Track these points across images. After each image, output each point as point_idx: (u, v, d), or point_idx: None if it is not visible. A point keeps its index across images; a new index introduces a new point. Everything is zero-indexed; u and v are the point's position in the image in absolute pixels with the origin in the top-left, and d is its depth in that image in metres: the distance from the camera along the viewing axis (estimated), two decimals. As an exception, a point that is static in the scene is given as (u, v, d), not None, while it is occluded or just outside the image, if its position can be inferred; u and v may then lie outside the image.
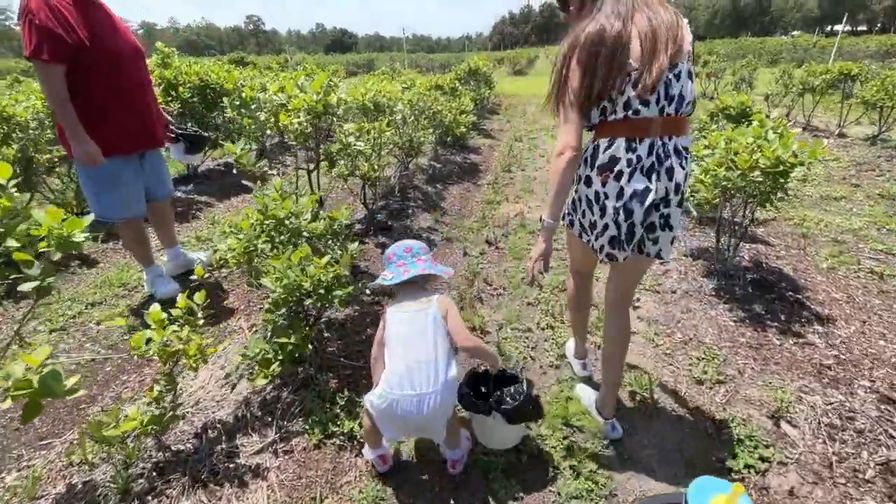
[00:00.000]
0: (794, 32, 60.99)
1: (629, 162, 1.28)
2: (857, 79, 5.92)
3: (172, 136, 2.82)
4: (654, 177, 1.28)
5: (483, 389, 1.55)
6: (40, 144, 3.31)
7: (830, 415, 1.77)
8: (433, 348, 1.36)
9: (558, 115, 1.36)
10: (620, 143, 1.28)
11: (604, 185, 1.32)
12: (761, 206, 2.44)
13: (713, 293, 2.61)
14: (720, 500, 0.99)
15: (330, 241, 2.01)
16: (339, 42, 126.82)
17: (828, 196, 4.15)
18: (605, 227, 1.35)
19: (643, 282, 2.83)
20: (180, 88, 4.44)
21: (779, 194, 2.29)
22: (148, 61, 4.80)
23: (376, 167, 2.95)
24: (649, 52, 1.21)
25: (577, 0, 1.37)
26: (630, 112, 1.26)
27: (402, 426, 1.37)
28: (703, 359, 2.12)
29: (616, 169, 1.29)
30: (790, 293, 2.53)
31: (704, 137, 2.66)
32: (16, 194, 0.91)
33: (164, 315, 1.47)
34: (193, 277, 1.65)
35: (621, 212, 1.30)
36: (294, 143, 2.11)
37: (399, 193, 4.26)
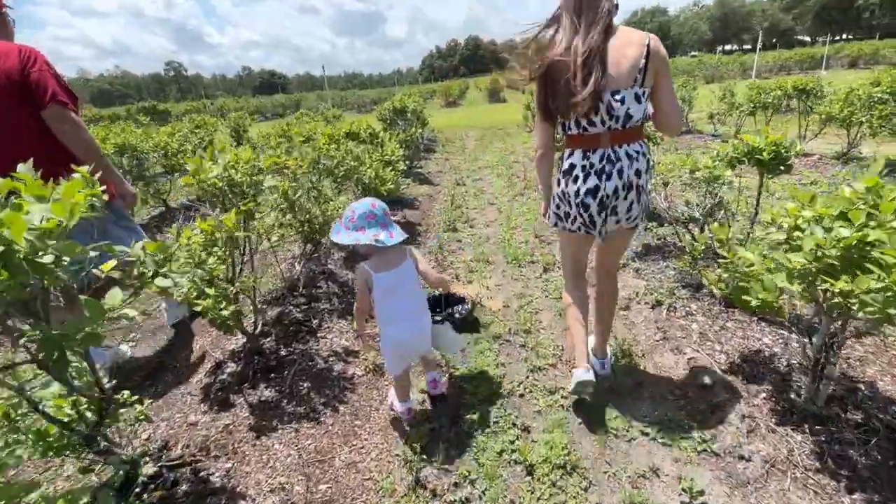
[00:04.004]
0: (693, 53, 67.04)
1: (583, 168, 1.61)
2: (811, 93, 5.53)
3: None
4: (604, 177, 1.57)
5: (437, 309, 2.28)
6: None
7: None
8: (413, 293, 1.77)
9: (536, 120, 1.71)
10: (578, 153, 1.63)
11: (567, 186, 1.66)
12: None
13: (816, 463, 1.56)
14: None
15: None
16: (268, 83, 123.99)
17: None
18: (575, 217, 1.69)
19: (693, 438, 1.75)
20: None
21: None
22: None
23: (230, 294, 1.71)
24: (581, 83, 1.45)
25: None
26: (580, 130, 1.58)
27: (403, 354, 1.81)
28: None
29: (574, 174, 1.63)
30: (943, 456, 1.54)
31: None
32: None
33: None
34: None
35: (580, 206, 1.64)
36: None
37: (304, 289, 3.00)
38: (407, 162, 6.29)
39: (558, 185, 1.70)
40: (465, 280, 3.26)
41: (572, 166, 1.62)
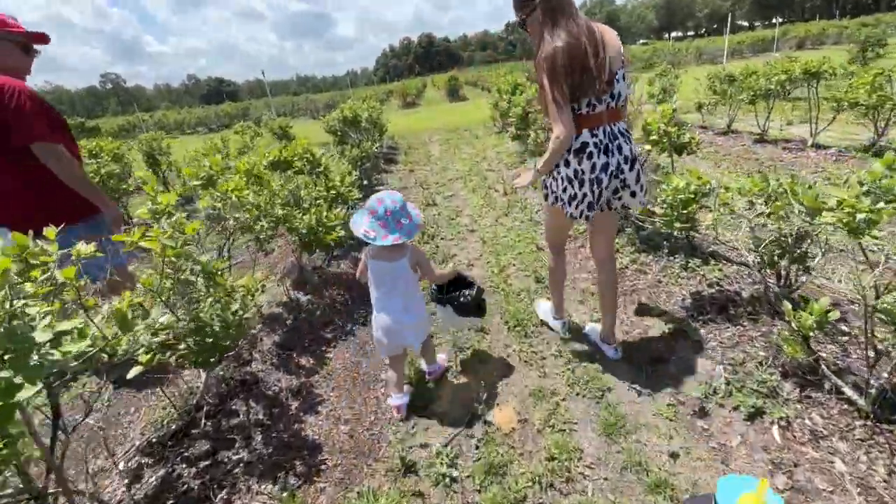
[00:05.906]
0: (643, 41, 68.13)
1: (595, 144, 1.72)
2: (821, 77, 4.85)
3: None
4: (609, 154, 1.73)
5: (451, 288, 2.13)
6: None
7: None
8: (404, 291, 1.86)
9: (551, 110, 1.68)
10: (585, 131, 1.72)
11: (580, 164, 1.74)
12: None
13: None
14: (748, 498, 0.98)
15: None
16: (216, 91, 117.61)
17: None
18: (585, 195, 1.77)
19: None
20: None
21: None
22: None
23: None
24: (598, 66, 1.62)
25: (536, 23, 1.73)
26: (589, 109, 1.69)
27: (387, 342, 1.91)
28: None
29: (588, 150, 1.72)
30: None
31: None
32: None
33: None
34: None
35: (594, 182, 1.74)
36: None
37: (209, 422, 1.91)
38: (364, 181, 5.22)
39: (567, 165, 1.78)
40: (455, 369, 2.26)
41: (584, 144, 1.72)
